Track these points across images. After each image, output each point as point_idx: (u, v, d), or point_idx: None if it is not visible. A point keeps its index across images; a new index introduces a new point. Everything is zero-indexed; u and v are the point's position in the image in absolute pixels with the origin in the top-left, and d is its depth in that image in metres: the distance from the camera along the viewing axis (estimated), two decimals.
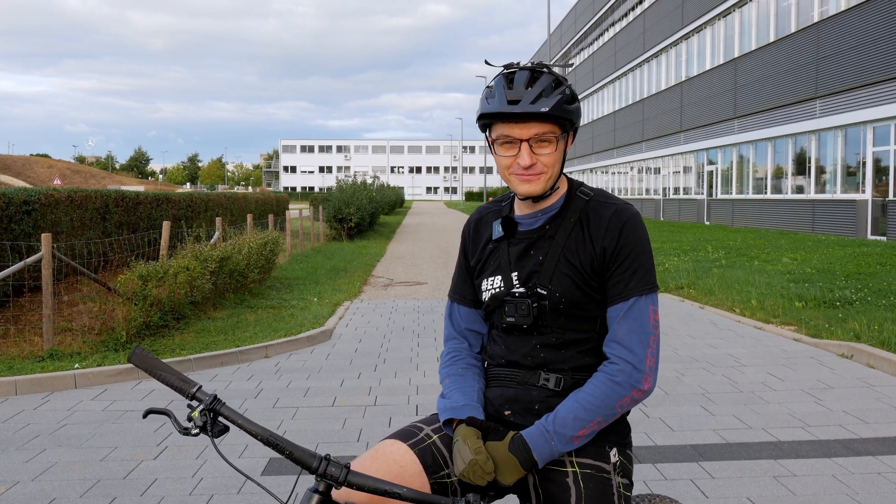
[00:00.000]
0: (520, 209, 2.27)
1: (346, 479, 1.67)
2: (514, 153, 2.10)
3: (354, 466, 1.99)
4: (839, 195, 25.14)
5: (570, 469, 2.05)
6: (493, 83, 2.12)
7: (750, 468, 4.80)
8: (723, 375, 7.21)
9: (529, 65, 2.13)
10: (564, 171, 2.22)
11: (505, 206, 2.35)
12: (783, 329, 9.35)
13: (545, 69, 2.12)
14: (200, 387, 1.76)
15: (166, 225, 10.93)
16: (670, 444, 5.25)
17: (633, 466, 2.20)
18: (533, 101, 2.03)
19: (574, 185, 2.26)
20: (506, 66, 2.14)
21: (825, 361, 7.72)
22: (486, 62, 2.25)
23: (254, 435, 1.71)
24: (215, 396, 1.72)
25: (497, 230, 2.27)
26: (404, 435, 2.14)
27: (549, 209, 2.21)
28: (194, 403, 1.74)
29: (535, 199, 2.17)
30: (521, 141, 2.08)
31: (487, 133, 2.17)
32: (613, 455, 2.11)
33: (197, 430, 1.70)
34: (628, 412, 2.19)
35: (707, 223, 35.81)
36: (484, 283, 2.25)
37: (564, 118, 2.07)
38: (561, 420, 2.03)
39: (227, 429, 1.73)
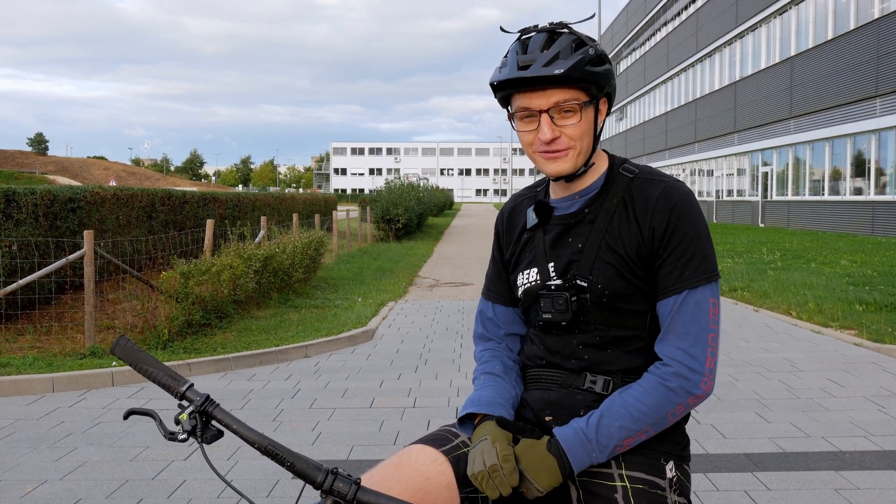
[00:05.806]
0: (555, 192, 2.02)
1: (356, 497, 1.45)
2: (535, 127, 1.85)
3: (372, 475, 1.78)
4: None
5: (619, 483, 1.78)
6: (508, 51, 1.87)
7: (809, 479, 4.50)
8: (779, 381, 6.88)
9: (548, 25, 1.86)
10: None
11: (540, 190, 2.10)
12: (843, 333, 8.95)
13: (566, 29, 1.85)
14: (191, 385, 1.56)
15: (210, 223, 10.88)
16: (723, 453, 4.97)
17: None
18: (546, 63, 1.77)
19: (616, 162, 1.99)
20: (522, 31, 1.89)
21: (888, 367, 7.34)
22: (502, 28, 1.95)
23: (251, 443, 1.51)
24: (208, 397, 1.53)
25: (531, 217, 2.02)
26: (436, 440, 1.89)
27: (588, 190, 1.95)
28: (184, 404, 1.55)
29: (569, 179, 1.92)
30: (541, 112, 1.82)
31: (508, 108, 1.92)
32: (670, 469, 1.83)
33: (185, 436, 1.50)
34: (685, 420, 1.93)
35: (761, 225, 35.03)
36: (519, 277, 2.01)
37: (587, 81, 1.80)
38: (605, 429, 1.77)
39: (220, 434, 1.54)
